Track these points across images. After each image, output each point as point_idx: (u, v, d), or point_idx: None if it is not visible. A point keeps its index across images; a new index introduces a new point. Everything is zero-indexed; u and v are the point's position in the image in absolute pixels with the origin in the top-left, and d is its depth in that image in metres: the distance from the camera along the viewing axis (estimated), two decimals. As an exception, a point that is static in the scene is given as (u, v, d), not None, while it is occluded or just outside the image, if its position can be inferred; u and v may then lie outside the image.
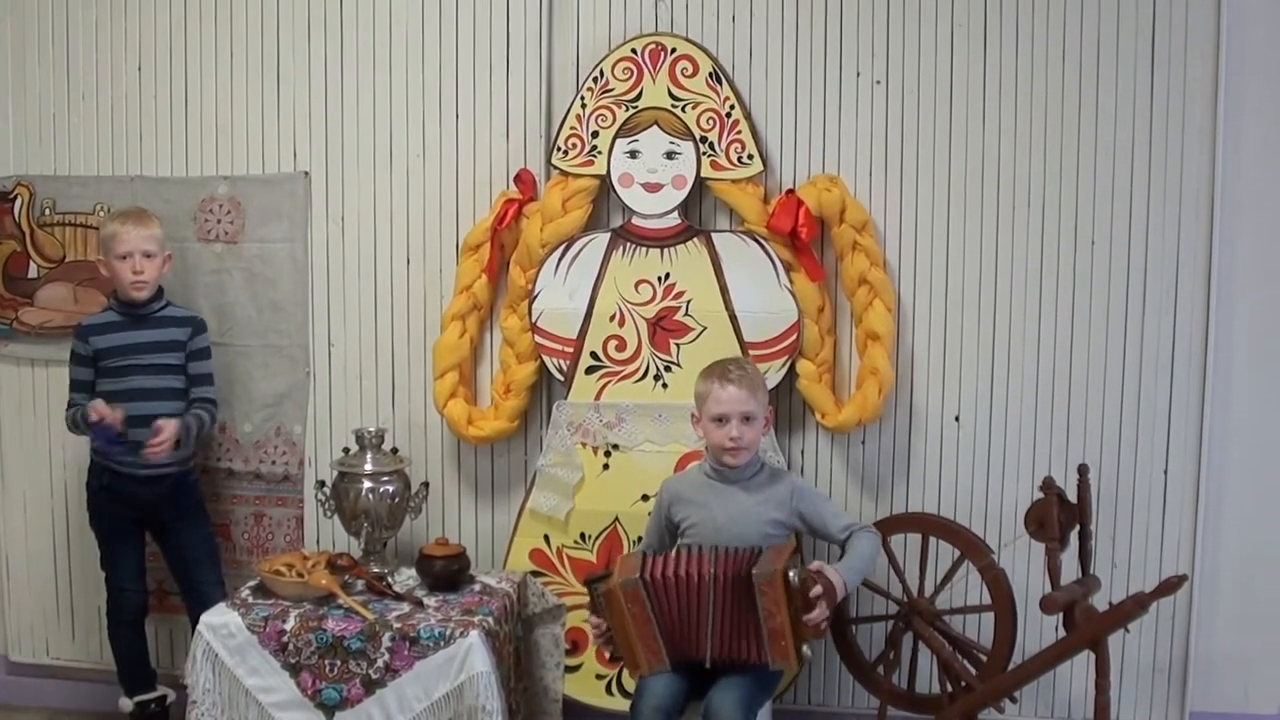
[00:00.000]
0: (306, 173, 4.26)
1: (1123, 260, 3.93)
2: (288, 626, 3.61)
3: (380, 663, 3.55)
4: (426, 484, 4.14)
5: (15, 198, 4.40)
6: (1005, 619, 3.70)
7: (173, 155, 4.33)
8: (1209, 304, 3.90)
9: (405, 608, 3.69)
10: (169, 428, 3.87)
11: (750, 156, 3.96)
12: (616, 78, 4.00)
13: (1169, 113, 3.87)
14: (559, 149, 4.04)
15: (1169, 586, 3.37)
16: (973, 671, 3.74)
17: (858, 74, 3.99)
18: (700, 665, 3.39)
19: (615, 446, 4.04)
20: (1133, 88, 3.88)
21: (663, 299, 4.01)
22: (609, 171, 4.01)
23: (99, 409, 3.82)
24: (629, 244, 4.03)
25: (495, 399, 4.16)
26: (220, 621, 3.65)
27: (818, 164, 4.03)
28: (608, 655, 3.55)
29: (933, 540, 3.87)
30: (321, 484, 4.11)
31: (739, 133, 3.96)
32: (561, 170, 4.05)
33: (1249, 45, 3.84)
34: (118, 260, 3.94)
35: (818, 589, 3.28)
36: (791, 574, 3.28)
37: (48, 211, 4.39)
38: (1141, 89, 3.88)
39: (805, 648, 3.36)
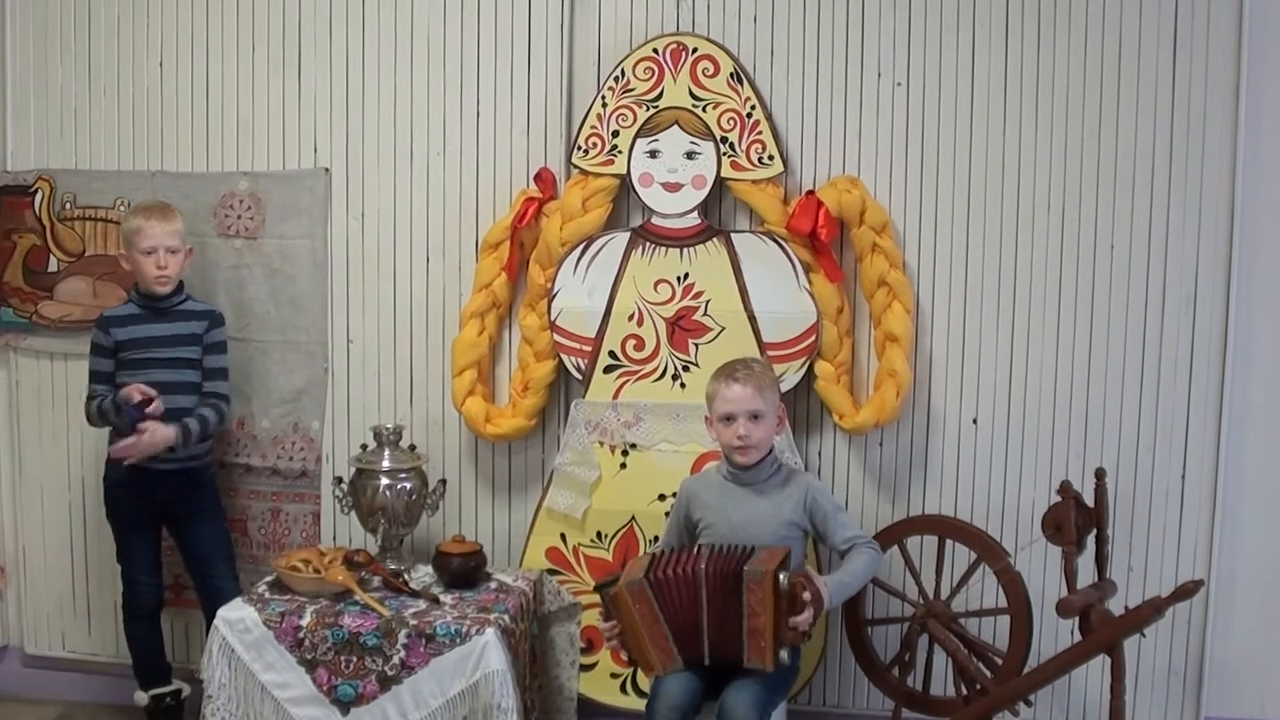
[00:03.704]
0: (327, 169, 4.27)
1: (1142, 264, 3.92)
2: (304, 622, 3.62)
3: (396, 659, 3.56)
4: (444, 481, 4.14)
5: (36, 191, 4.41)
6: (1021, 622, 3.70)
7: (193, 150, 4.35)
8: (1228, 308, 3.89)
9: (421, 605, 3.70)
10: (158, 433, 3.86)
11: (770, 157, 3.96)
12: (637, 77, 4.01)
13: (1190, 116, 3.86)
14: (579, 148, 4.05)
15: (1185, 591, 3.36)
16: (988, 674, 3.74)
17: (879, 75, 3.99)
18: (714, 665, 3.40)
19: (633, 445, 4.05)
20: (1154, 91, 3.87)
21: (682, 299, 4.01)
22: (629, 171, 4.01)
23: (142, 390, 3.84)
24: (648, 243, 4.03)
25: (513, 397, 4.16)
26: (237, 616, 3.66)
27: (838, 165, 4.03)
28: (625, 659, 3.54)
29: (949, 542, 3.87)
30: (339, 480, 4.12)
31: (759, 133, 3.96)
32: (582, 169, 4.05)
33: (1270, 48, 3.83)
34: (141, 255, 3.95)
35: (806, 595, 3.30)
36: (781, 577, 3.28)
37: (68, 205, 4.41)
38: (1163, 92, 3.87)
39: (783, 652, 3.36)
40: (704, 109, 3.98)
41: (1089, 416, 3.99)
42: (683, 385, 4.01)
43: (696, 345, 4.00)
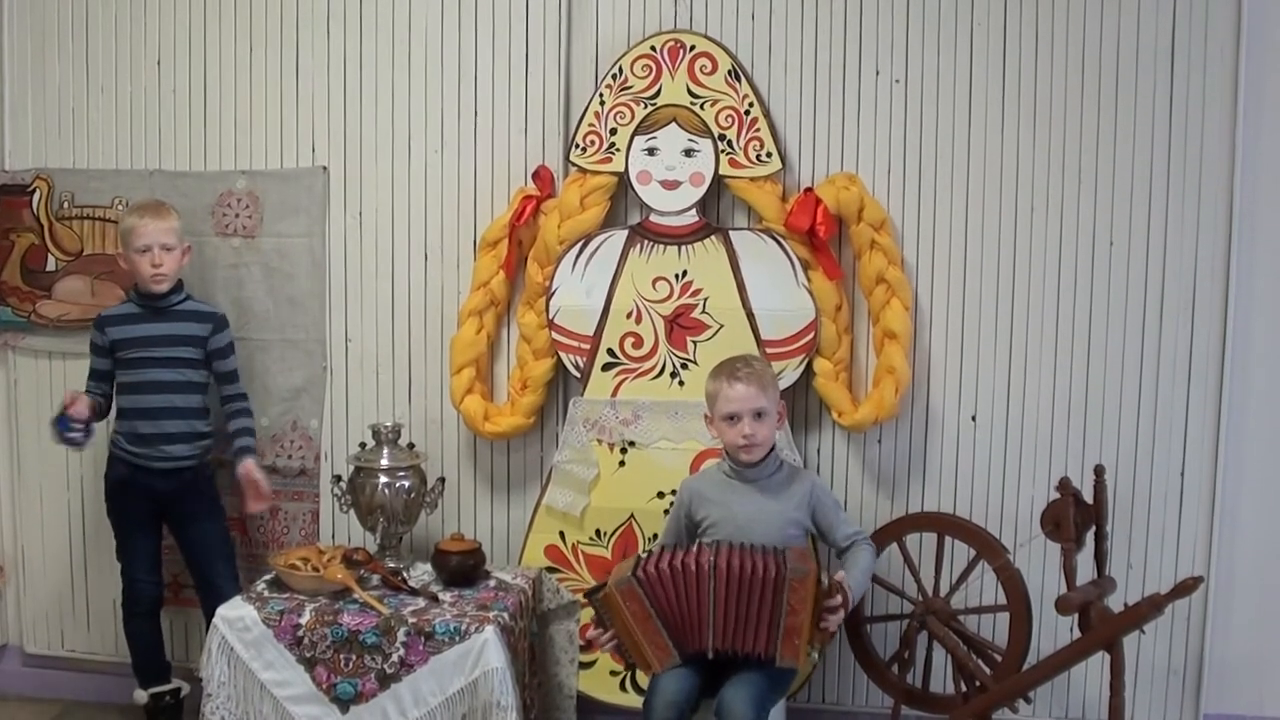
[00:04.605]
0: (325, 167, 4.26)
1: (1141, 261, 3.92)
2: (303, 620, 3.62)
3: (395, 658, 3.56)
4: (442, 479, 4.14)
5: (34, 191, 4.41)
6: (1020, 619, 3.70)
7: (191, 149, 4.34)
8: (1227, 305, 3.89)
9: (420, 603, 3.70)
10: (258, 476, 4.03)
11: (769, 154, 3.96)
12: (635, 75, 4.00)
13: (1188, 113, 3.86)
14: (577, 146, 4.05)
15: (1184, 588, 3.35)
16: (987, 671, 3.74)
17: (877, 72, 3.99)
18: (713, 662, 3.40)
19: (631, 443, 4.04)
20: (1152, 88, 3.87)
21: (680, 296, 4.00)
22: (627, 168, 4.01)
23: (71, 394, 3.93)
24: (646, 241, 4.03)
25: (512, 395, 4.16)
26: (236, 615, 3.66)
27: (836, 162, 4.02)
28: (625, 663, 3.55)
29: (948, 540, 3.87)
30: (338, 478, 4.12)
31: (757, 130, 3.96)
32: (580, 167, 4.05)
33: (1269, 45, 3.84)
34: (137, 254, 3.95)
35: (838, 598, 3.32)
36: (823, 577, 3.30)
37: (66, 205, 4.40)
38: (1161, 89, 3.87)
39: (813, 651, 3.38)
40: (702, 106, 3.97)
41: (1088, 413, 3.99)
42: (681, 383, 4.01)
43: (695, 343, 4.00)
